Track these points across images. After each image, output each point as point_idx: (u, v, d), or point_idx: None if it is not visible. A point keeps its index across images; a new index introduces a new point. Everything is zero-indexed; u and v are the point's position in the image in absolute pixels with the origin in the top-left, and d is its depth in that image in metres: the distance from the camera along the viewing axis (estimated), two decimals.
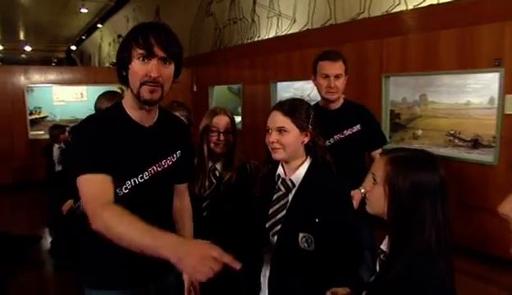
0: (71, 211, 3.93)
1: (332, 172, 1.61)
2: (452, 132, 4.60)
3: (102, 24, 13.80)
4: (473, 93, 4.39)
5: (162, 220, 1.47)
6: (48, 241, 4.63)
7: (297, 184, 1.56)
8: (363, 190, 2.10)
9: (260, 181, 1.69)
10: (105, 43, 15.57)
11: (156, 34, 1.33)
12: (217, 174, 2.00)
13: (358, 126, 2.40)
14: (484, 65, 3.65)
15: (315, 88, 2.51)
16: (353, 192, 2.02)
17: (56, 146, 5.07)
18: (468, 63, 3.80)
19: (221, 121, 1.99)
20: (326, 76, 2.36)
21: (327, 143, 2.28)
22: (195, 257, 1.06)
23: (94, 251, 1.49)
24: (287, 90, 6.70)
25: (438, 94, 4.73)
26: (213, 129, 1.98)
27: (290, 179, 1.57)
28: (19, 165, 7.23)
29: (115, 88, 7.50)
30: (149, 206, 1.43)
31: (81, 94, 8.82)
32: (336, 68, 2.36)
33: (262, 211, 1.62)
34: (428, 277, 1.03)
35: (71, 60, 20.87)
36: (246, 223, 1.79)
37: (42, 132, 8.09)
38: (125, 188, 1.39)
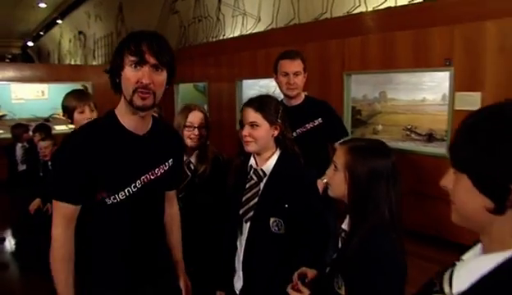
0: (39, 211, 3.89)
1: (300, 162, 1.74)
2: (409, 127, 4.86)
3: (61, 19, 13.36)
4: (428, 90, 4.65)
5: (155, 226, 1.60)
6: (11, 242, 4.54)
7: (268, 173, 1.69)
8: (325, 180, 2.25)
9: (233, 172, 1.80)
10: (65, 39, 15.10)
11: (148, 41, 1.35)
12: (192, 167, 2.10)
13: (319, 120, 2.54)
14: (436, 64, 3.91)
15: None
16: None
17: (19, 145, 4.96)
18: (423, 62, 4.05)
19: (196, 117, 2.09)
20: (286, 74, 2.51)
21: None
22: None
23: (92, 253, 1.51)
24: (252, 88, 6.82)
25: (397, 91, 4.95)
26: (188, 125, 2.07)
27: (262, 169, 1.70)
28: None
29: (78, 86, 7.38)
30: (142, 213, 1.49)
31: (42, 92, 8.55)
32: (294, 66, 2.50)
33: (236, 199, 1.73)
34: (382, 248, 1.19)
35: (28, 56, 20.05)
36: (220, 212, 1.90)
37: (0, 131, 7.81)
38: (119, 197, 1.42)
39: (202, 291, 2.04)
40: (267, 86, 6.62)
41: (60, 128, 7.12)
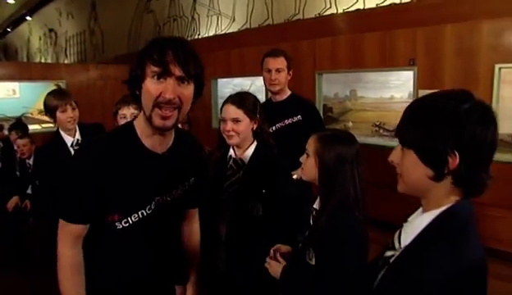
0: (17, 208, 3.92)
1: (274, 152, 1.92)
2: (378, 123, 5.10)
3: (30, 16, 13.06)
4: (395, 88, 4.89)
5: (169, 247, 1.45)
6: None
7: (246, 162, 1.86)
8: (295, 176, 2.42)
9: (214, 163, 1.96)
10: (34, 36, 14.75)
11: (173, 49, 1.17)
12: None
13: (298, 117, 2.68)
14: (401, 64, 4.17)
15: (253, 84, 2.82)
16: None
17: None
18: (389, 62, 4.31)
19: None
20: (269, 70, 2.67)
21: (270, 130, 2.64)
22: None
23: (99, 282, 1.36)
24: (226, 86, 6.95)
25: (366, 90, 5.17)
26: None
27: (241, 159, 1.87)
28: None
29: (51, 85, 7.29)
30: (156, 236, 1.37)
31: (13, 91, 8.37)
32: (276, 63, 2.66)
33: (217, 187, 1.89)
34: (347, 222, 1.38)
35: None
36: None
37: None
38: (131, 220, 1.29)
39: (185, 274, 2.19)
40: (240, 85, 6.78)
41: (33, 127, 7.03)
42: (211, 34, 6.87)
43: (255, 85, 6.47)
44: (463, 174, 0.91)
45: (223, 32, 6.64)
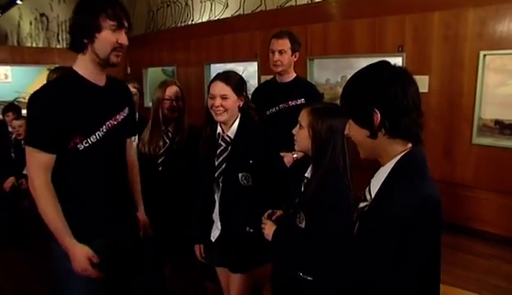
0: (13, 189, 3.99)
1: (257, 124, 2.04)
2: None
3: (21, 0, 12.88)
4: None
5: (122, 168, 1.84)
6: None
7: (233, 137, 1.96)
8: (295, 155, 2.52)
9: (204, 140, 2.05)
10: (25, 21, 14.55)
11: (121, 6, 1.59)
12: (170, 135, 2.35)
13: (302, 100, 2.73)
14: (390, 50, 4.26)
15: (246, 70, 2.89)
16: (284, 154, 2.45)
17: None
18: (378, 48, 4.40)
19: (172, 90, 2.34)
20: (273, 51, 2.73)
21: (273, 110, 2.73)
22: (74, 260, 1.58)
23: (69, 201, 1.63)
24: (219, 71, 6.99)
25: None
26: (166, 98, 2.31)
27: (228, 135, 1.97)
28: None
29: (44, 69, 7.29)
30: (111, 156, 1.72)
31: (5, 75, 8.35)
32: (279, 44, 2.71)
33: (209, 164, 2.00)
34: (335, 187, 1.51)
35: None
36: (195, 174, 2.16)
37: None
38: (91, 141, 1.61)
39: (182, 247, 2.32)
40: (233, 70, 6.82)
41: (25, 112, 7.05)
42: (204, 19, 6.90)
43: (248, 71, 6.54)
44: (390, 126, 1.10)
45: (216, 18, 6.67)
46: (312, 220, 1.52)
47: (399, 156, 1.13)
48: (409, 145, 1.14)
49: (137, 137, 2.59)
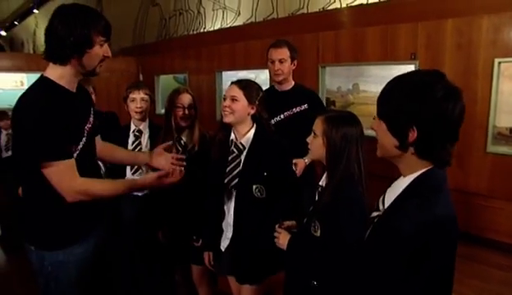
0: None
1: (274, 136, 2.02)
2: None
3: (37, 9, 13.14)
4: None
5: (97, 169, 1.97)
6: None
7: (247, 146, 1.95)
8: (306, 160, 2.53)
9: (217, 146, 2.05)
10: (41, 29, 14.83)
11: (106, 20, 1.65)
12: (183, 143, 2.35)
13: (305, 105, 2.76)
14: (402, 58, 4.24)
15: (258, 77, 2.91)
16: (297, 161, 2.45)
17: (3, 132, 5.04)
18: (390, 56, 4.38)
19: (185, 98, 2.34)
20: (273, 61, 2.75)
21: (278, 118, 2.72)
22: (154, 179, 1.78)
23: (48, 215, 1.64)
24: (230, 79, 7.01)
25: (368, 83, 5.23)
26: (179, 106, 2.31)
27: (241, 143, 1.96)
28: None
29: None
30: (92, 158, 1.80)
31: (21, 82, 8.49)
32: (278, 53, 2.74)
33: (220, 170, 2.00)
34: (350, 195, 1.50)
35: None
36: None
37: None
38: (79, 147, 1.63)
39: (193, 254, 2.32)
40: (245, 78, 6.84)
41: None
42: (216, 27, 6.95)
43: (259, 78, 6.56)
44: (421, 148, 1.06)
45: (228, 26, 6.72)
46: (327, 228, 1.51)
47: (419, 173, 1.09)
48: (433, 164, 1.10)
49: (149, 144, 2.61)
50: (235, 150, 1.98)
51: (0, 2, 13.18)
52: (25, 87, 7.83)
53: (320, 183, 1.64)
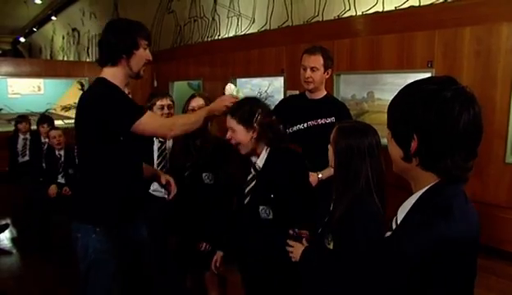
0: (58, 195, 4.09)
1: (290, 155, 1.92)
2: None
3: (55, 16, 13.39)
4: None
5: (140, 160, 2.12)
6: (13, 229, 4.70)
7: (261, 167, 1.90)
8: (320, 175, 2.46)
9: (238, 163, 2.01)
10: (58, 36, 15.12)
11: (147, 29, 1.97)
12: (197, 148, 2.36)
13: (332, 118, 2.61)
14: (419, 66, 4.19)
15: (272, 85, 2.86)
16: (310, 174, 2.38)
17: (21, 137, 5.12)
18: (406, 64, 4.33)
19: (197, 103, 2.37)
20: (304, 68, 2.63)
21: (301, 126, 2.60)
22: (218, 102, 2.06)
23: (98, 193, 1.90)
24: (245, 86, 7.04)
25: (383, 92, 5.18)
26: (190, 109, 2.34)
27: (257, 163, 1.92)
28: None
29: (74, 81, 7.52)
30: (138, 153, 2.05)
31: (38, 87, 8.65)
32: (311, 61, 2.60)
33: (241, 190, 1.97)
34: (364, 211, 1.46)
35: (18, 52, 19.94)
36: (220, 189, 2.17)
37: None
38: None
39: (205, 259, 2.33)
40: (259, 85, 6.87)
41: (56, 123, 7.26)
42: (231, 34, 6.98)
43: (273, 86, 6.56)
44: (423, 158, 0.97)
45: (243, 33, 6.74)
46: (342, 241, 1.49)
47: (426, 188, 0.99)
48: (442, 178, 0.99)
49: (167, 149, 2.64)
50: (253, 171, 1.93)
51: (20, 9, 13.44)
52: (42, 92, 7.98)
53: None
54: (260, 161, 1.89)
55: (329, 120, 2.61)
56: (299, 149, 2.22)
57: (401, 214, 1.05)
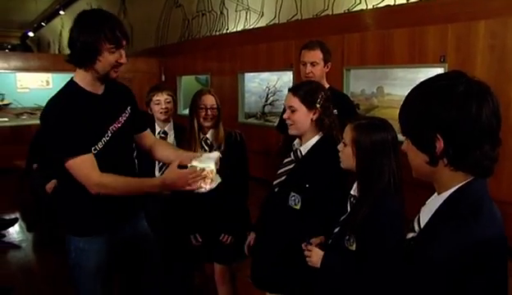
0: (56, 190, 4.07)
1: (336, 149, 1.73)
2: None
3: (63, 10, 13.42)
4: None
5: (130, 168, 1.89)
6: (23, 223, 4.72)
7: (303, 154, 1.81)
8: None
9: (282, 145, 1.95)
10: (66, 30, 15.01)
11: (120, 26, 1.66)
12: (209, 143, 2.33)
13: (334, 111, 2.60)
14: (431, 60, 4.12)
15: (280, 79, 2.80)
16: None
17: None
18: (418, 58, 4.26)
19: (207, 100, 2.33)
20: (304, 63, 2.62)
21: None
22: (171, 181, 1.69)
23: (74, 205, 1.79)
24: (253, 81, 7.01)
25: (393, 87, 5.11)
26: (202, 107, 2.30)
27: (300, 150, 1.83)
28: None
29: None
30: (119, 158, 1.80)
31: (47, 82, 8.67)
32: (311, 56, 2.59)
33: (275, 172, 1.91)
34: (390, 209, 1.42)
35: (27, 46, 20.03)
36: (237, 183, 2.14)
37: (6, 119, 7.94)
38: (98, 147, 1.70)
39: (215, 253, 2.35)
40: (267, 79, 6.82)
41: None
42: (239, 28, 6.93)
43: (282, 80, 6.51)
44: (453, 156, 0.92)
45: (251, 27, 6.68)
46: (366, 242, 1.43)
47: (454, 188, 0.95)
48: (471, 176, 0.95)
49: (175, 144, 2.60)
50: (292, 155, 1.85)
51: (28, 3, 13.47)
52: (51, 86, 8.04)
53: (352, 193, 1.56)
54: (304, 148, 1.81)
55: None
56: None
57: (425, 216, 1.00)
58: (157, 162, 2.53)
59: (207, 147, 2.34)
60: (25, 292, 3.24)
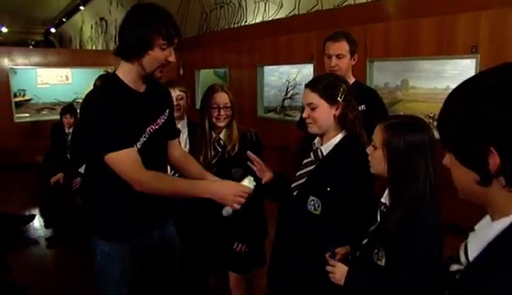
0: (61, 185, 4.04)
1: (359, 147, 1.59)
2: (432, 115, 4.83)
3: (84, 6, 13.51)
4: (451, 78, 4.58)
5: (162, 169, 1.83)
6: (41, 220, 4.73)
7: (325, 155, 1.66)
8: None
9: (300, 143, 1.81)
10: (87, 25, 15.27)
11: (173, 23, 1.59)
12: (222, 143, 2.19)
13: (362, 106, 2.35)
14: (461, 51, 3.88)
15: (300, 72, 2.63)
16: None
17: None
18: (447, 49, 4.02)
19: (220, 98, 2.16)
20: (329, 56, 2.44)
21: None
22: (223, 192, 1.58)
23: (103, 207, 1.74)
24: (272, 74, 6.85)
25: (419, 79, 4.91)
26: (214, 106, 2.15)
27: (321, 149, 1.67)
28: (4, 148, 7.18)
29: (101, 71, 7.49)
30: (154, 159, 1.70)
31: (66, 77, 8.71)
32: (336, 48, 2.42)
33: (293, 173, 1.75)
34: (425, 218, 1.26)
35: (50, 42, 20.36)
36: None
37: (27, 114, 8.02)
38: (137, 147, 1.63)
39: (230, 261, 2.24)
40: (287, 72, 6.65)
41: None
42: (258, 20, 6.77)
43: (302, 73, 6.33)
44: (510, 172, 0.71)
45: (270, 18, 6.51)
46: (398, 256, 1.27)
47: None
48: None
49: (188, 143, 2.48)
50: (312, 155, 1.70)
51: (51, 0, 13.66)
52: (70, 81, 7.98)
53: (382, 200, 1.40)
54: (326, 147, 1.66)
55: (360, 109, 2.43)
56: None
57: (475, 246, 0.80)
58: (169, 169, 2.41)
59: (220, 149, 2.20)
60: (40, 292, 3.20)
